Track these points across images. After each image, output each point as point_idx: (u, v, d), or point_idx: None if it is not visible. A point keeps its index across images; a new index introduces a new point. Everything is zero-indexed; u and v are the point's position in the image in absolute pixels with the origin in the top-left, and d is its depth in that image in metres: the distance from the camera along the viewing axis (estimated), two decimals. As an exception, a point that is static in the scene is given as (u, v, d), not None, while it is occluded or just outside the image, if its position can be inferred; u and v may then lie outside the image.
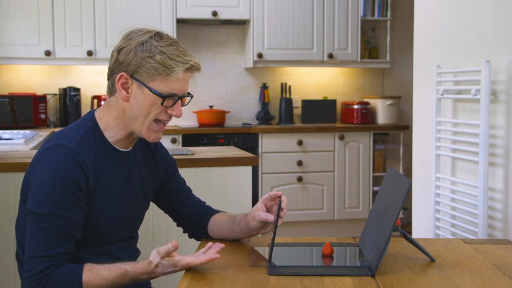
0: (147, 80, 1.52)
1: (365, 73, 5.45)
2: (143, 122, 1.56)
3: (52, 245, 1.45)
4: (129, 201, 1.65)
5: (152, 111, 1.55)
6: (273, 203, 1.64)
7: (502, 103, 2.56)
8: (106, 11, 4.62)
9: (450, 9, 2.96)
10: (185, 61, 1.52)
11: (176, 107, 1.58)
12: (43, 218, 1.45)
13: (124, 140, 1.62)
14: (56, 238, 1.46)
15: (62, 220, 1.46)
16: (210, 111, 4.95)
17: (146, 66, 1.51)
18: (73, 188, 1.48)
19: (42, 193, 1.47)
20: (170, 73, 1.51)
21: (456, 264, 1.53)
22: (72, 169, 1.49)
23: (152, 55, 1.50)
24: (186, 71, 1.53)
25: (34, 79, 4.86)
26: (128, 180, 1.65)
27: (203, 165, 2.70)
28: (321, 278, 1.40)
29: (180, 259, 1.46)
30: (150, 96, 1.53)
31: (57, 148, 1.51)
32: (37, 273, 1.44)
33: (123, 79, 1.54)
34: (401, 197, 1.42)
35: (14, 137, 3.30)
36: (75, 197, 1.49)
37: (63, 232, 1.47)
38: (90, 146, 1.55)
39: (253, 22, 4.85)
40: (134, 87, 1.54)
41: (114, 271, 1.47)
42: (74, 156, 1.50)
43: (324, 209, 4.88)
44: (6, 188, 2.41)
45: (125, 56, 1.53)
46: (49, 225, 1.45)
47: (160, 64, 1.50)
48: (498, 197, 2.60)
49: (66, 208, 1.47)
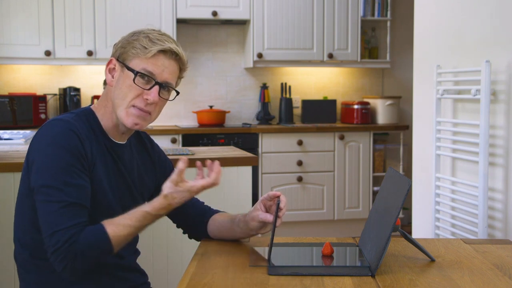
0: (127, 61, 1.58)
1: (365, 73, 5.45)
2: (120, 104, 1.58)
3: (70, 216, 1.44)
4: (126, 195, 1.66)
5: (129, 93, 1.57)
6: (272, 203, 1.63)
7: (502, 103, 2.56)
8: (106, 11, 4.62)
9: (450, 9, 2.96)
10: (163, 43, 1.57)
11: (152, 91, 1.57)
12: (56, 189, 1.45)
13: (114, 131, 1.64)
14: (72, 209, 1.45)
15: (74, 189, 1.46)
16: (210, 111, 4.96)
17: (128, 48, 1.57)
18: (77, 154, 1.49)
19: (49, 166, 1.47)
20: (146, 52, 1.55)
21: (456, 264, 1.53)
22: (72, 139, 1.50)
23: (136, 38, 1.57)
24: (162, 54, 1.57)
25: (34, 79, 4.86)
26: (126, 174, 1.66)
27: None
28: (321, 278, 1.40)
29: (193, 184, 1.52)
30: (128, 77, 1.57)
31: (54, 122, 1.54)
32: (62, 245, 1.42)
33: (111, 65, 1.62)
34: (401, 197, 1.42)
35: (14, 137, 3.30)
36: (81, 164, 1.50)
37: (77, 203, 1.46)
38: (85, 125, 1.58)
39: (253, 22, 4.85)
40: (118, 70, 1.60)
41: (135, 216, 1.50)
42: (71, 128, 1.52)
43: (324, 209, 4.88)
44: (6, 188, 2.41)
45: (118, 45, 1.61)
46: (63, 196, 1.44)
47: (140, 45, 1.56)
48: (498, 197, 2.60)
49: (75, 175, 1.48)
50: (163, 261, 2.60)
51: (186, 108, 5.11)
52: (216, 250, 1.65)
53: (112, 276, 1.64)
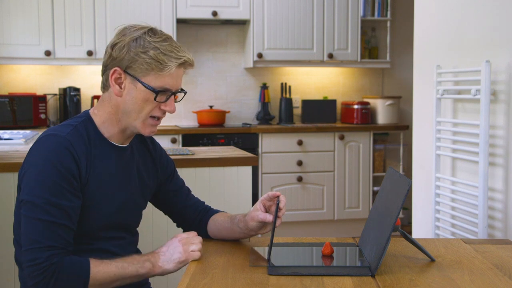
0: (141, 75, 1.53)
1: (365, 73, 5.45)
2: (136, 117, 1.57)
3: (51, 236, 1.44)
4: (126, 197, 1.65)
5: (146, 106, 1.55)
6: (271, 203, 1.63)
7: (502, 103, 2.56)
8: (106, 11, 4.62)
9: (450, 9, 2.96)
10: (178, 56, 1.53)
11: (170, 103, 1.58)
12: (40, 207, 1.44)
13: (119, 136, 1.63)
14: (55, 229, 1.45)
15: (58, 210, 1.45)
16: (210, 111, 4.95)
17: (139, 61, 1.52)
18: (66, 175, 1.48)
19: (36, 182, 1.46)
20: (163, 68, 1.52)
21: (456, 264, 1.53)
22: (64, 157, 1.49)
23: (145, 51, 1.51)
24: (179, 66, 1.54)
25: (34, 79, 4.86)
26: (126, 176, 1.65)
27: (203, 165, 2.70)
28: (321, 278, 1.40)
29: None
30: (143, 91, 1.54)
31: (48, 138, 1.52)
32: (42, 262, 1.41)
33: (117, 74, 1.55)
34: (401, 197, 1.42)
35: (14, 137, 3.30)
36: (69, 185, 1.48)
37: (60, 223, 1.45)
38: (82, 138, 1.56)
39: (253, 22, 4.85)
40: (127, 82, 1.55)
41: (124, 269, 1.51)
42: (66, 145, 1.50)
43: (324, 209, 4.88)
44: (6, 188, 2.41)
45: (119, 52, 1.54)
46: (46, 215, 1.44)
47: (154, 59, 1.51)
48: (498, 197, 2.60)
49: (61, 195, 1.46)
50: (163, 261, 2.59)
51: (186, 108, 5.11)
52: (216, 250, 1.65)
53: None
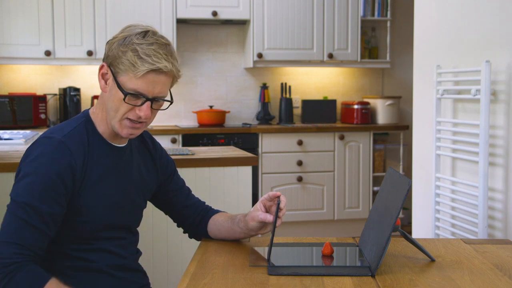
0: (118, 74, 1.52)
1: (365, 73, 5.45)
2: (114, 116, 1.55)
3: (24, 236, 1.43)
4: (125, 197, 1.65)
5: (120, 106, 1.53)
6: (272, 203, 1.63)
7: (502, 103, 2.56)
8: (106, 11, 4.62)
9: (450, 9, 2.96)
10: (153, 62, 1.48)
11: (144, 108, 1.53)
12: (19, 206, 1.44)
13: (113, 134, 1.62)
14: (29, 230, 1.43)
15: (36, 214, 1.44)
16: (210, 111, 4.95)
17: (119, 60, 1.51)
18: (55, 181, 1.47)
19: (22, 182, 1.47)
20: (135, 71, 1.49)
21: (456, 264, 1.53)
22: (57, 162, 1.48)
23: (126, 50, 1.50)
24: (152, 72, 1.49)
25: (34, 79, 4.86)
26: (125, 176, 1.65)
27: (203, 165, 2.70)
28: (321, 278, 1.40)
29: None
30: (118, 91, 1.52)
31: (44, 140, 1.53)
32: (6, 258, 1.40)
33: (104, 70, 1.56)
34: (401, 197, 1.42)
35: (14, 137, 3.30)
36: (55, 192, 1.47)
37: (36, 226, 1.44)
38: (80, 139, 1.55)
39: (253, 22, 4.85)
40: (110, 79, 1.55)
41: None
42: (61, 149, 1.50)
43: (324, 209, 4.88)
44: (6, 188, 2.40)
45: (109, 48, 1.54)
46: (23, 216, 1.43)
47: (128, 61, 1.49)
48: (498, 197, 2.60)
49: (42, 200, 1.45)
50: (163, 261, 2.60)
51: (186, 108, 5.11)
52: (216, 250, 1.65)
53: (113, 277, 1.64)
